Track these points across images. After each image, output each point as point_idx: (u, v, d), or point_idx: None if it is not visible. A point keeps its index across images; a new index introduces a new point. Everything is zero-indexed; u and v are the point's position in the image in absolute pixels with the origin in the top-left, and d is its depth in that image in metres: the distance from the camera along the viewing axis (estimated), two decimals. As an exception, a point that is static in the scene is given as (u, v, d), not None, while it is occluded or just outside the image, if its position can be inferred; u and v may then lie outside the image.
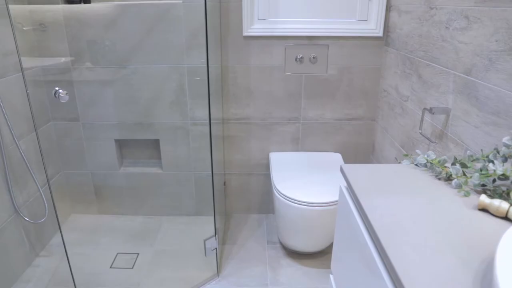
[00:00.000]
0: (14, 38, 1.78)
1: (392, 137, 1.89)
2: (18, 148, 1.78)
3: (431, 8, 1.47)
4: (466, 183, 0.82)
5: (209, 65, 1.96)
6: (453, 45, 1.31)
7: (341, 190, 0.94)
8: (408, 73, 1.70)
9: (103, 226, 2.31)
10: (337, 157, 2.11)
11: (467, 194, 0.79)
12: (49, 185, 1.88)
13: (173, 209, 2.37)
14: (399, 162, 0.97)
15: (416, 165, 0.93)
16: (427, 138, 1.44)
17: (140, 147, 2.28)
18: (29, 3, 1.94)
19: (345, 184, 0.95)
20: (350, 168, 0.92)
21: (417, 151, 0.97)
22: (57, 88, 1.89)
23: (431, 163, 0.91)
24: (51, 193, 1.93)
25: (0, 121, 1.72)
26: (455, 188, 0.82)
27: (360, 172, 0.90)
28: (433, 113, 1.35)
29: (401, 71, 1.78)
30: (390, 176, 0.88)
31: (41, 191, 1.89)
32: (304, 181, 1.83)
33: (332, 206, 1.69)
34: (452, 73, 1.32)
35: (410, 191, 0.81)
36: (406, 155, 0.97)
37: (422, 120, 1.46)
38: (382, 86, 2.03)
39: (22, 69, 1.79)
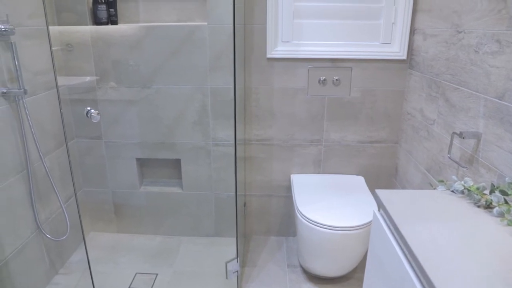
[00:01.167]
0: (52, 58, 1.83)
1: (417, 160, 1.86)
2: (44, 165, 1.80)
3: (459, 32, 1.46)
4: (509, 211, 0.79)
5: (233, 87, 1.98)
6: (483, 69, 1.30)
7: (374, 216, 0.92)
8: (434, 96, 1.68)
9: (122, 245, 2.30)
10: (360, 180, 2.08)
11: (510, 224, 0.76)
12: (77, 202, 1.89)
13: (193, 230, 2.35)
14: (434, 188, 0.94)
15: (452, 191, 0.91)
16: (457, 163, 1.41)
17: (161, 167, 2.29)
18: (59, 24, 2.00)
19: (379, 209, 0.93)
20: (384, 193, 0.90)
21: (453, 177, 0.95)
22: (89, 108, 1.92)
23: (468, 189, 0.88)
24: (78, 210, 1.94)
25: (28, 138, 1.75)
26: (497, 216, 0.79)
27: (395, 197, 0.88)
28: (463, 138, 1.32)
29: (426, 94, 1.76)
30: (427, 202, 0.86)
31: (63, 208, 1.89)
32: (328, 204, 1.81)
33: (356, 231, 1.65)
34: (483, 97, 1.30)
35: (450, 219, 0.78)
36: (442, 181, 0.95)
37: (451, 144, 1.44)
38: (405, 109, 2.02)
39: (57, 89, 1.83)
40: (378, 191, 0.91)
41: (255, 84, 2.04)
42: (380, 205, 0.87)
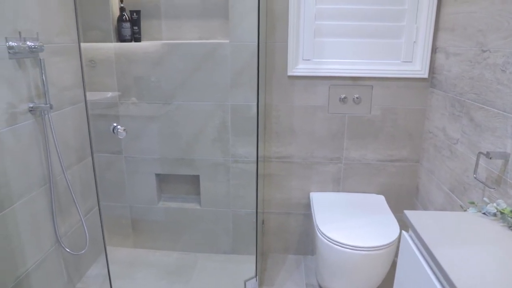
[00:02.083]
0: (82, 75, 1.87)
1: (439, 180, 1.83)
2: (66, 179, 1.82)
3: (484, 51, 1.45)
4: (546, 236, 0.77)
5: (253, 104, 1.99)
6: (511, 88, 1.28)
7: (403, 237, 0.90)
8: (457, 116, 1.66)
9: (139, 260, 2.29)
10: (381, 199, 2.05)
11: (548, 249, 0.74)
12: (100, 216, 1.90)
13: (210, 246, 2.34)
14: (464, 210, 0.92)
15: (484, 213, 0.89)
16: (483, 183, 1.38)
17: (179, 182, 2.29)
18: (85, 41, 2.05)
19: (408, 230, 0.91)
20: (414, 214, 0.88)
21: (485, 199, 0.93)
22: (115, 124, 1.95)
23: (502, 212, 0.86)
24: (101, 224, 1.95)
25: (52, 152, 1.77)
26: (534, 241, 0.77)
27: (425, 219, 0.86)
28: (490, 158, 1.30)
29: (449, 113, 1.74)
30: (458, 224, 0.84)
31: (83, 222, 1.90)
32: (348, 223, 1.78)
33: (378, 251, 1.62)
34: (510, 117, 1.28)
35: (484, 242, 0.76)
36: (473, 203, 0.92)
37: (477, 164, 1.41)
38: (427, 127, 1.99)
39: (86, 104, 1.86)
40: (407, 212, 0.89)
41: (275, 102, 2.05)
42: (410, 227, 0.86)
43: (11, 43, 1.49)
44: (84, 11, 2.00)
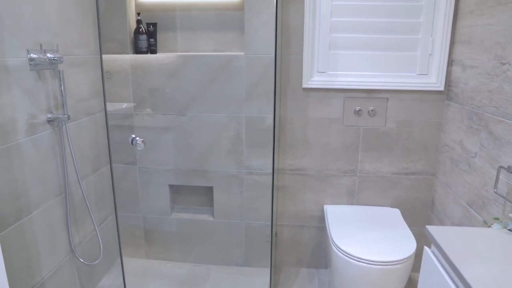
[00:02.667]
0: (103, 86, 1.89)
1: (456, 194, 1.80)
2: (81, 189, 1.83)
3: (503, 64, 1.44)
4: None
5: (268, 116, 1.99)
6: (532, 102, 1.26)
7: (426, 253, 0.88)
8: (475, 129, 1.64)
9: (151, 271, 2.29)
10: (396, 213, 2.03)
11: None
12: (117, 226, 1.90)
13: (222, 258, 2.32)
14: (489, 226, 0.90)
15: (510, 230, 0.87)
16: (504, 198, 1.36)
17: (193, 194, 2.29)
18: (102, 53, 2.07)
19: (431, 247, 0.89)
20: (437, 230, 0.87)
21: (511, 215, 0.91)
22: (133, 136, 1.96)
23: (528, 229, 0.84)
24: (118, 234, 1.95)
25: (68, 162, 1.79)
26: None
27: (449, 235, 0.85)
28: (511, 172, 1.27)
29: (466, 126, 1.72)
30: (484, 241, 0.82)
31: (98, 232, 1.91)
32: (364, 237, 1.76)
33: (395, 266, 1.59)
34: (532, 132, 1.26)
35: (512, 260, 0.75)
36: (497, 219, 0.91)
37: (497, 178, 1.39)
38: (443, 140, 1.97)
39: (106, 115, 1.88)
40: (429, 227, 0.88)
41: (290, 114, 2.05)
42: (433, 242, 0.84)
43: (32, 55, 1.52)
44: (103, 24, 2.03)
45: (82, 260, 1.91)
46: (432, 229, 0.87)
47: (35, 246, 1.59)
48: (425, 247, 0.90)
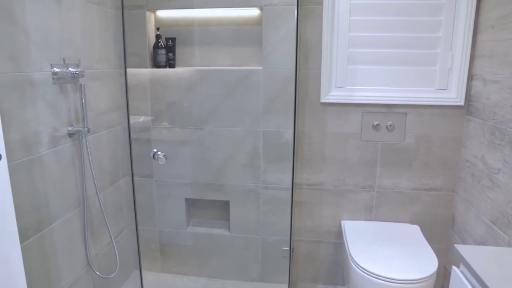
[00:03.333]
0: (127, 99, 1.91)
1: (479, 211, 1.76)
2: (99, 201, 1.84)
3: (526, 80, 1.42)
4: None
5: (285, 130, 1.99)
6: (559, 118, 1.24)
7: (454, 273, 0.86)
8: (498, 144, 1.61)
9: (166, 285, 2.27)
10: (415, 230, 1.99)
11: None
12: (137, 239, 1.90)
13: (238, 273, 2.30)
14: (519, 245, 0.88)
15: (541, 250, 0.84)
16: (530, 217, 1.32)
17: (209, 208, 2.29)
18: (120, 67, 2.10)
19: (460, 266, 0.87)
20: (466, 249, 0.84)
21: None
22: (155, 150, 1.98)
23: (561, 249, 0.81)
24: (138, 248, 1.95)
25: (87, 174, 1.80)
26: None
27: (478, 255, 0.82)
28: (538, 190, 1.24)
29: (488, 142, 1.69)
30: (515, 261, 0.80)
31: (114, 244, 1.91)
32: (383, 253, 1.73)
33: (416, 284, 1.56)
34: (559, 148, 1.23)
35: (547, 282, 0.72)
36: (528, 238, 0.88)
37: (522, 196, 1.36)
38: (463, 156, 1.94)
39: (129, 128, 1.89)
40: (458, 246, 0.86)
41: (308, 129, 2.04)
42: (462, 262, 0.82)
43: (55, 69, 1.55)
44: (126, 38, 2.06)
45: (98, 273, 1.91)
46: (461, 248, 0.85)
47: (54, 258, 1.60)
48: (454, 267, 0.88)
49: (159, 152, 1.99)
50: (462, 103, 1.91)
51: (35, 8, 1.43)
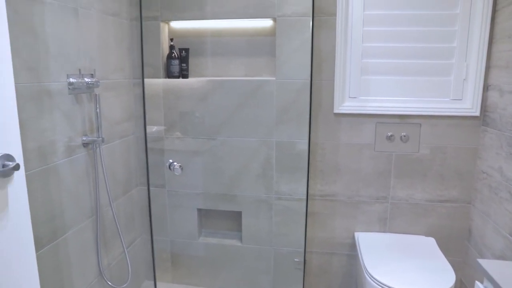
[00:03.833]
0: (144, 109, 1.93)
1: (497, 223, 1.73)
2: (112, 211, 1.84)
3: (545, 90, 1.39)
4: None
5: (298, 141, 1.98)
6: None
7: (477, 288, 0.84)
8: (516, 156, 1.58)
9: (177, 297, 2.26)
10: (431, 242, 1.96)
11: None
12: (152, 249, 1.90)
13: (249, 285, 2.27)
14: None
15: None
16: (552, 230, 1.29)
17: (221, 218, 2.28)
18: (134, 78, 2.12)
19: (484, 282, 0.84)
20: (490, 264, 0.82)
21: None
22: (171, 161, 1.98)
23: None
24: (153, 258, 1.95)
25: (100, 184, 1.81)
26: None
27: (502, 270, 0.80)
28: (560, 203, 1.21)
29: (506, 153, 1.66)
30: (542, 276, 0.77)
31: (126, 254, 1.90)
32: (399, 266, 1.70)
33: (433, 299, 1.53)
34: None
35: None
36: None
37: (543, 209, 1.33)
38: (479, 167, 1.91)
39: (146, 138, 1.91)
40: (481, 261, 0.83)
41: (321, 139, 2.03)
42: (486, 277, 0.80)
43: (71, 80, 1.56)
44: (138, 49, 2.08)
45: (110, 283, 1.91)
46: (485, 263, 0.83)
47: (67, 267, 1.60)
48: (477, 282, 0.85)
49: (175, 163, 1.99)
50: (477, 113, 1.89)
51: (54, 19, 1.45)
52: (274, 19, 1.96)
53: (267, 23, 2.02)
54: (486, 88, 1.86)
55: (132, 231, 2.19)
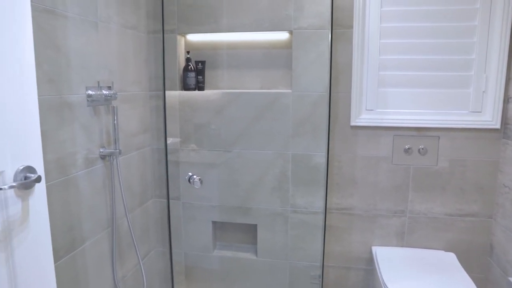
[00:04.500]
0: (165, 121, 1.94)
1: (520, 239, 1.68)
2: (128, 222, 1.84)
3: None
4: None
5: (315, 153, 1.97)
6: None
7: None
8: (539, 170, 1.54)
9: (191, 311, 2.24)
10: (451, 258, 1.91)
11: None
12: (171, 261, 1.89)
13: (264, 300, 2.25)
14: None
15: None
16: None
17: (236, 231, 2.26)
18: (150, 90, 2.14)
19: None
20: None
21: None
22: (190, 174, 1.98)
23: None
24: (171, 270, 1.94)
25: (117, 196, 1.81)
26: None
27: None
28: None
29: (528, 167, 1.63)
30: None
31: (141, 266, 1.89)
32: (420, 282, 1.65)
33: (456, 316, 1.48)
34: None
35: None
36: None
37: None
38: (501, 181, 1.87)
39: (166, 150, 1.92)
40: None
41: (337, 152, 2.01)
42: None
43: (89, 92, 1.58)
44: (155, 62, 2.10)
45: (124, 296, 1.90)
46: (515, 280, 0.80)
47: (83, 279, 1.59)
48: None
49: (194, 176, 1.99)
50: (498, 126, 1.86)
51: (75, 33, 1.48)
52: (291, 32, 1.97)
53: (283, 35, 2.02)
54: (506, 100, 1.83)
55: (147, 243, 2.18)
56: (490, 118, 1.87)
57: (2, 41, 0.91)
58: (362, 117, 1.95)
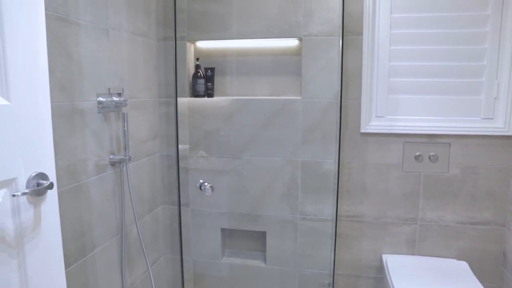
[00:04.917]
0: (176, 128, 1.95)
1: (534, 248, 1.65)
2: (137, 229, 1.84)
3: None
4: None
5: (325, 160, 1.95)
6: None
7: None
8: (554, 178, 1.52)
9: (200, 318, 2.22)
10: (464, 266, 1.88)
11: None
12: (182, 267, 1.89)
13: (273, 308, 2.23)
14: None
15: None
16: None
17: (245, 238, 2.25)
18: (159, 97, 2.15)
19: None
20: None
21: None
22: (201, 181, 1.98)
23: None
24: (182, 276, 1.94)
25: (127, 202, 1.81)
26: None
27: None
28: None
29: (542, 175, 1.60)
30: None
31: (151, 273, 1.89)
32: (431, 292, 1.63)
33: (469, 327, 1.45)
34: None
35: None
36: None
37: None
38: (513, 189, 1.85)
39: (177, 156, 1.92)
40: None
41: (347, 159, 2.00)
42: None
43: (100, 99, 1.59)
44: (164, 68, 2.11)
45: (133, 303, 1.89)
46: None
47: (93, 286, 1.59)
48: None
49: (206, 183, 1.99)
50: (510, 133, 1.83)
51: (87, 40, 1.49)
52: (300, 39, 1.97)
53: (292, 42, 2.02)
54: (518, 107, 1.81)
55: (156, 250, 2.18)
56: (502, 125, 1.85)
57: (17, 48, 0.92)
58: (372, 124, 1.94)
